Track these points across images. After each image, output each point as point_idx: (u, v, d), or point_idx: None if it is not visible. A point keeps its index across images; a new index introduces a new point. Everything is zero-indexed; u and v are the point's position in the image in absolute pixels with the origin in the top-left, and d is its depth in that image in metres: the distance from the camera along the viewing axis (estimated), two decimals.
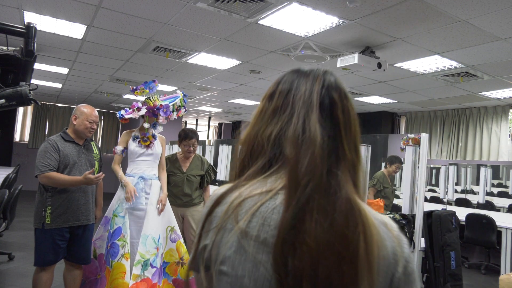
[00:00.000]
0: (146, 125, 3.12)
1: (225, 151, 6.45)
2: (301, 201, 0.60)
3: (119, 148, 3.15)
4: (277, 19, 3.64)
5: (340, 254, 0.59)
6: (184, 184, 3.61)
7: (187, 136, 3.56)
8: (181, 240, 3.18)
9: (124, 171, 3.18)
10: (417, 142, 3.41)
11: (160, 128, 3.17)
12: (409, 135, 3.50)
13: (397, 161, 4.84)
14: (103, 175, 2.73)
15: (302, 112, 0.68)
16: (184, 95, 3.27)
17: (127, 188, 3.03)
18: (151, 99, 3.13)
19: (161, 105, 3.10)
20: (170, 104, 3.14)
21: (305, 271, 0.58)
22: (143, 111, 3.09)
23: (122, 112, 3.19)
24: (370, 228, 0.62)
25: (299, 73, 0.76)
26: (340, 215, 0.60)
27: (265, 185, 0.67)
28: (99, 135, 12.30)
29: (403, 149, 3.56)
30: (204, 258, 0.69)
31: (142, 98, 3.14)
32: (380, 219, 0.68)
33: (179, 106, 3.22)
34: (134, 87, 3.13)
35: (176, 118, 3.25)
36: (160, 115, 3.07)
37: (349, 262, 0.59)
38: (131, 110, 3.14)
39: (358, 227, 0.61)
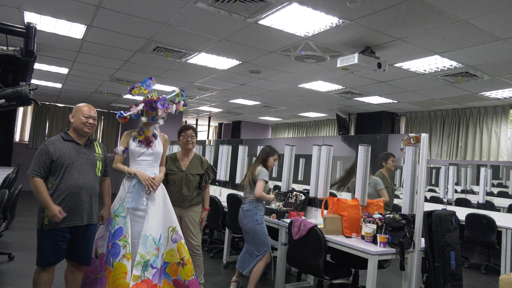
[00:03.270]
0: (144, 119, 3.12)
1: (225, 151, 6.42)
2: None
3: (120, 148, 3.15)
4: (277, 19, 3.65)
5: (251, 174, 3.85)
6: (182, 183, 3.60)
7: (184, 128, 3.72)
8: (182, 240, 3.17)
9: None
10: (418, 140, 3.40)
11: (161, 121, 3.14)
12: (410, 134, 3.50)
13: (391, 155, 4.73)
14: (65, 215, 2.67)
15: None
16: (182, 90, 3.26)
17: (142, 177, 3.03)
18: (149, 96, 3.13)
19: (158, 97, 3.12)
20: (167, 97, 3.16)
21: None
22: (141, 105, 3.10)
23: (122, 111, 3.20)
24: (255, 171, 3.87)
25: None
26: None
27: None
28: (99, 135, 12.30)
29: (402, 150, 3.54)
30: None
31: (140, 98, 3.15)
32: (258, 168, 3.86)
33: (178, 100, 3.22)
34: (131, 86, 3.14)
35: (177, 111, 3.24)
36: (158, 108, 3.08)
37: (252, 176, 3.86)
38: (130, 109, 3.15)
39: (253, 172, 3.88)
